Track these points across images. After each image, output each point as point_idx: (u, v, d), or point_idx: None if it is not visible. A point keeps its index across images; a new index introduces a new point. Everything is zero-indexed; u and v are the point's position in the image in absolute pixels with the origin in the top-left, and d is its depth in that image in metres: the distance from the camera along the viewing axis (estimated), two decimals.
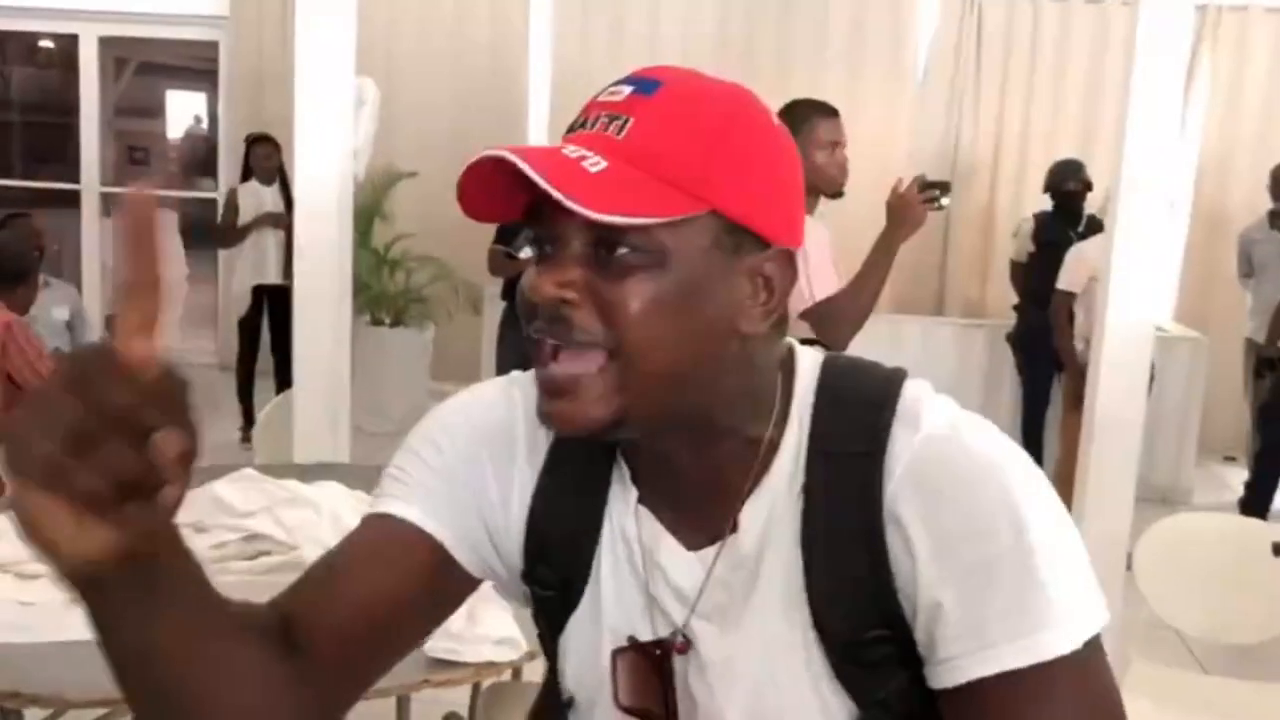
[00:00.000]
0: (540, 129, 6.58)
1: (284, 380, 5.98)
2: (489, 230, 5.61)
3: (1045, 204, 5.70)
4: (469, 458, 0.94)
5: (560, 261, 0.81)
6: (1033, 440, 5.74)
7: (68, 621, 1.90)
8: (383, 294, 6.63)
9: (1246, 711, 2.77)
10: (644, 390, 0.81)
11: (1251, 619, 2.82)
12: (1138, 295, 3.32)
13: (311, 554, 0.86)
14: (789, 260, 0.85)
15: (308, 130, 3.34)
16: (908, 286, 6.66)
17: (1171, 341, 5.77)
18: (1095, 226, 5.07)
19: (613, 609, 0.92)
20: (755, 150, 0.83)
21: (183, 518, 0.70)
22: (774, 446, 0.87)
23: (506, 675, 2.20)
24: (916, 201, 3.01)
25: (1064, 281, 5.00)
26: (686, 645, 0.89)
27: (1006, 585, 0.79)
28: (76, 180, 7.77)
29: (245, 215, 6.26)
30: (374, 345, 6.35)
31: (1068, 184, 5.51)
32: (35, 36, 9.47)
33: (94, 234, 7.80)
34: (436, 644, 1.81)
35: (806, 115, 3.17)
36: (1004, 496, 0.81)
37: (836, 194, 3.21)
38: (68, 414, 0.59)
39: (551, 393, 0.82)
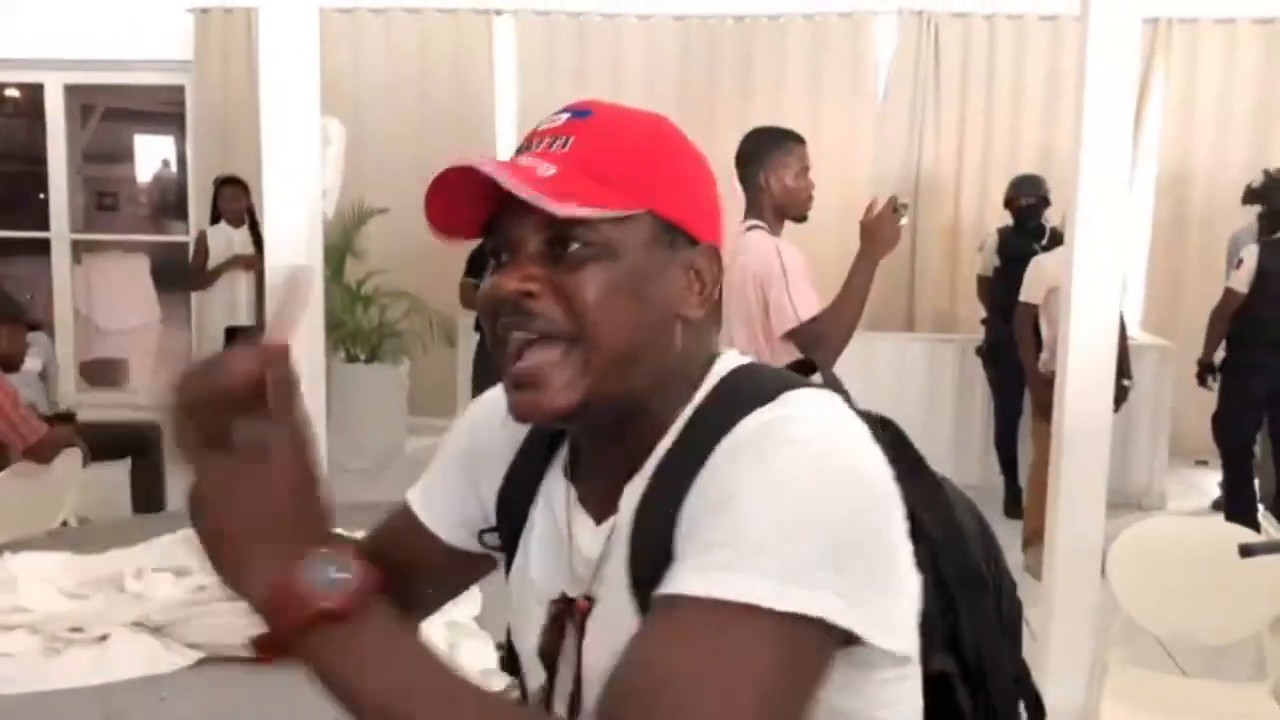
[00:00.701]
0: None
1: None
2: (460, 263, 5.64)
3: (1006, 218, 5.78)
4: (466, 449, 1.10)
5: (519, 262, 0.90)
6: (1007, 451, 5.81)
7: (48, 671, 1.92)
8: (357, 330, 6.64)
9: (1227, 712, 2.80)
10: (604, 372, 0.89)
11: (1223, 620, 2.86)
12: (1099, 305, 3.37)
13: None
14: (716, 255, 0.96)
15: (275, 172, 3.36)
16: (878, 304, 6.69)
17: (1140, 350, 5.84)
18: (1058, 239, 5.14)
19: (537, 573, 1.01)
20: (679, 161, 0.96)
21: (165, 563, 0.81)
22: (665, 434, 0.93)
23: None
24: (891, 221, 3.08)
25: (1025, 294, 5.07)
26: (589, 609, 0.95)
27: (729, 523, 0.80)
28: (46, 228, 7.75)
29: (215, 257, 6.26)
30: (350, 382, 6.36)
31: (1024, 199, 5.60)
32: (0, 87, 9.46)
33: (65, 282, 7.77)
34: None
35: (778, 141, 3.23)
36: (778, 461, 0.82)
37: (801, 217, 3.27)
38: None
39: (521, 385, 0.90)
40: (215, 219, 6.42)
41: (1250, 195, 5.39)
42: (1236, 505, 5.17)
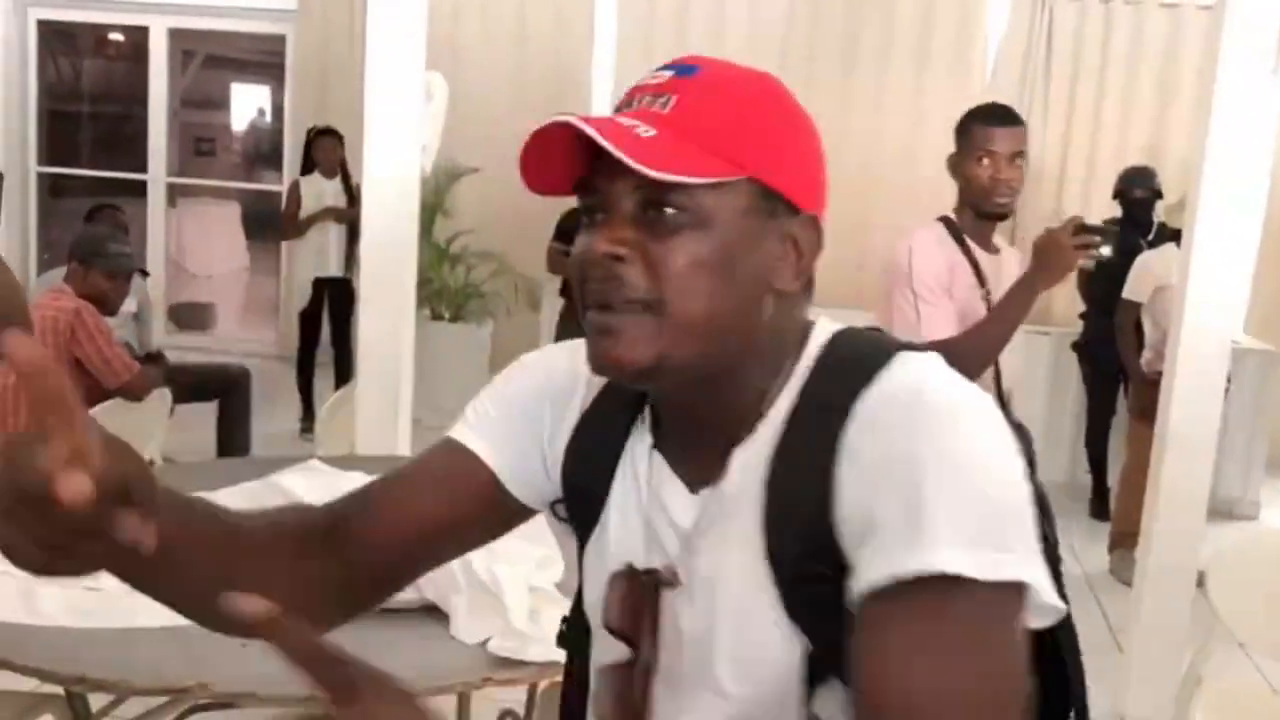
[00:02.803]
0: None
1: (343, 373, 6.02)
2: (548, 227, 5.61)
3: (1114, 210, 5.59)
4: (535, 392, 1.05)
5: (611, 223, 0.88)
6: (1097, 450, 5.64)
7: (133, 607, 1.92)
8: (443, 289, 6.66)
9: None
10: (684, 340, 0.87)
11: None
12: (1215, 309, 3.24)
13: None
14: (815, 225, 0.93)
15: (377, 125, 3.34)
16: None
17: (1242, 353, 5.63)
18: (1165, 235, 4.96)
19: (617, 542, 0.99)
20: (785, 125, 0.92)
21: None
22: (772, 401, 0.92)
23: None
24: (1069, 245, 2.59)
25: (1130, 291, 4.89)
26: (676, 579, 0.94)
27: (911, 499, 0.79)
28: (143, 170, 7.88)
29: (307, 208, 6.30)
30: (433, 339, 6.37)
31: (1136, 191, 5.41)
32: (106, 29, 9.62)
33: (160, 224, 7.92)
34: (502, 642, 1.80)
35: (964, 123, 2.79)
36: (940, 427, 0.81)
37: (994, 213, 2.72)
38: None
39: (600, 333, 0.89)
40: (308, 169, 6.45)
41: None
42: None
